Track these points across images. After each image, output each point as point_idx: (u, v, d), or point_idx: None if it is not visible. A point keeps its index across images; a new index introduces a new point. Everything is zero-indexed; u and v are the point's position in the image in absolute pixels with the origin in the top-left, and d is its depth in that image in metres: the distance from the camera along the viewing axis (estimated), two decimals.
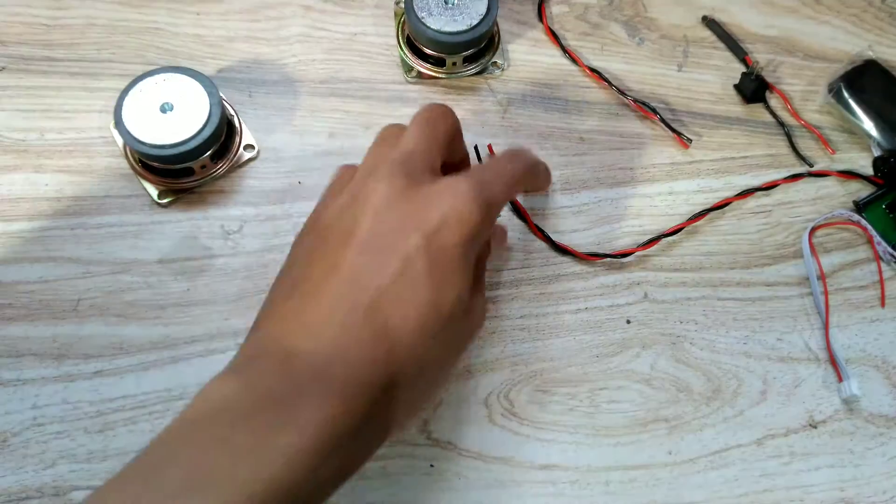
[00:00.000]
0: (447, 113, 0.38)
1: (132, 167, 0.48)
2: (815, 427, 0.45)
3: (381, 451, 0.43)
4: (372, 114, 0.51)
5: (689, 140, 0.51)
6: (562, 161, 0.51)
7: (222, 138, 0.47)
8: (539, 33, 0.55)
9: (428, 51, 0.51)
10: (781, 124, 0.52)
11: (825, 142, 0.52)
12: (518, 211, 0.48)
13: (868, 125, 0.51)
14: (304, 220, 0.48)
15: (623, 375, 0.45)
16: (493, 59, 0.53)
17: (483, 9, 0.50)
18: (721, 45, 0.55)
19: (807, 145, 0.52)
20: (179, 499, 0.25)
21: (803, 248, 0.48)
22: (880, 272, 0.48)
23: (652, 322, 0.47)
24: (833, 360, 0.46)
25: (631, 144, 0.51)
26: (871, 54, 0.53)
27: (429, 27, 0.49)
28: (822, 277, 0.48)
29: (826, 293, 0.48)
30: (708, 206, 0.49)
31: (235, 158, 0.49)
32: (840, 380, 0.45)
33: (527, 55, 0.54)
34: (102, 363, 0.43)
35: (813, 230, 0.49)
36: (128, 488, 0.26)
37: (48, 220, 0.47)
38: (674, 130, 0.51)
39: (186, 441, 0.27)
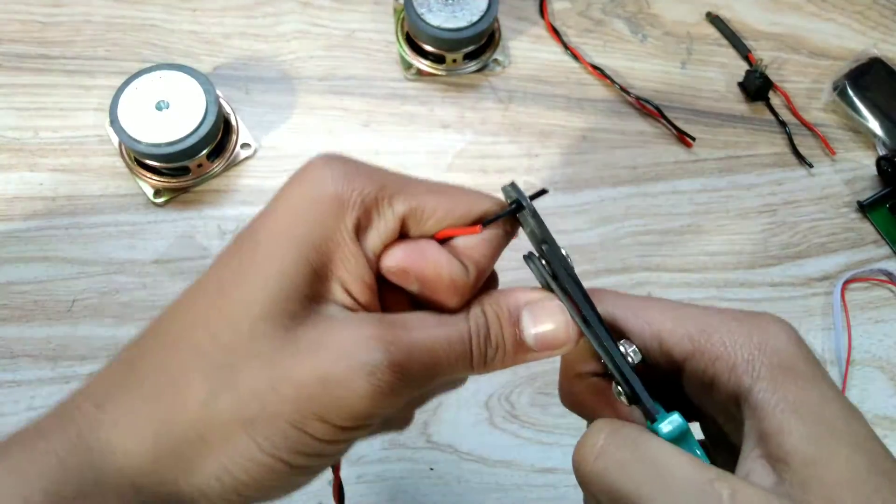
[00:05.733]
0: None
1: (128, 166, 0.47)
2: None
3: (380, 453, 0.43)
4: (370, 111, 0.50)
5: (693, 138, 0.50)
6: (564, 159, 0.50)
7: (219, 136, 0.47)
8: (540, 30, 0.54)
9: (428, 48, 0.50)
10: (782, 123, 0.52)
11: (826, 142, 0.51)
12: None
13: (873, 123, 0.51)
14: None
15: None
16: (494, 56, 0.52)
17: (484, 5, 0.49)
18: (725, 42, 0.55)
19: (809, 144, 0.52)
20: None
21: (834, 302, 0.47)
22: None
23: None
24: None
25: (634, 142, 0.51)
26: (875, 52, 0.53)
27: (428, 24, 0.48)
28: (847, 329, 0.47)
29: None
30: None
31: (232, 157, 0.48)
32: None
33: (528, 52, 0.53)
34: (98, 365, 0.42)
35: (846, 283, 0.48)
36: None
37: (43, 220, 0.46)
38: (677, 128, 0.51)
39: None
